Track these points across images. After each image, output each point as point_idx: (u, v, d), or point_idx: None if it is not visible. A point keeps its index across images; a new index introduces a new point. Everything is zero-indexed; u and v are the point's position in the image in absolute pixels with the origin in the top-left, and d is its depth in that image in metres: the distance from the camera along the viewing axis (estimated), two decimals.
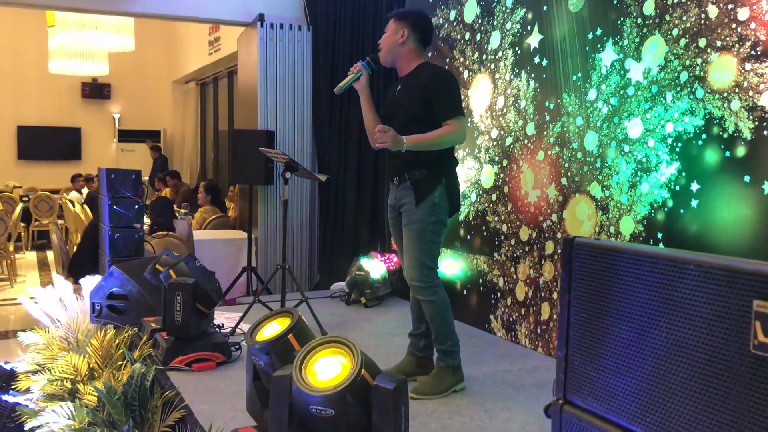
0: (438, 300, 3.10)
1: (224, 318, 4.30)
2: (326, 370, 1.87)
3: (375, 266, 5.06)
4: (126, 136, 12.76)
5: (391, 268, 5.18)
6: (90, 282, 4.20)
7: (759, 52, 2.71)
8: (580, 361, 0.92)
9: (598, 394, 0.90)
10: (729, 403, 0.77)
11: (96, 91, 12.59)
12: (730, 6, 2.83)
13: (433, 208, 3.06)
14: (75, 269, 5.50)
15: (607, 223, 3.43)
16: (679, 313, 0.81)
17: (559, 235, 3.76)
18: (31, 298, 4.11)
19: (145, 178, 12.07)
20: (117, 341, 3.70)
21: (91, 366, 3.54)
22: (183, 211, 8.13)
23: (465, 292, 4.49)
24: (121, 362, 3.49)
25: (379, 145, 3.03)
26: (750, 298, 0.74)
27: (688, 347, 0.80)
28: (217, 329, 3.87)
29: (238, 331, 4.07)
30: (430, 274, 3.09)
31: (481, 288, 4.36)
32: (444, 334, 3.13)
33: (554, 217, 3.78)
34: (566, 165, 3.70)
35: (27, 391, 3.62)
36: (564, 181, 3.72)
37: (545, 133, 3.86)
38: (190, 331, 3.46)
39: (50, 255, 9.63)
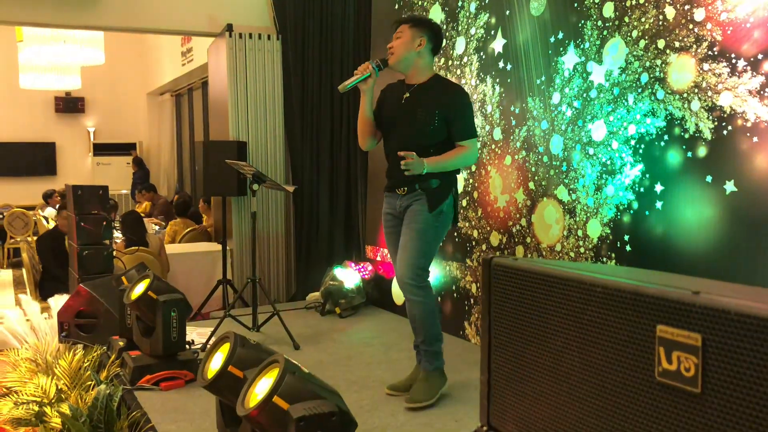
0: (428, 301, 3.09)
1: (196, 333, 4.24)
2: (261, 389, 1.85)
3: (349, 276, 5.02)
4: (101, 149, 12.62)
5: (366, 277, 5.15)
6: (58, 301, 4.13)
7: (716, 52, 2.72)
8: (503, 385, 0.90)
9: (519, 421, 0.87)
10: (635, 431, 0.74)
11: (70, 105, 12.44)
12: (687, 7, 2.84)
13: (440, 214, 3.06)
14: (44, 288, 5.41)
15: (575, 227, 3.42)
16: (590, 338, 0.79)
17: (528, 240, 3.75)
18: None
19: (125, 191, 11.97)
20: (85, 361, 3.64)
21: (60, 388, 3.47)
22: (161, 224, 8.06)
23: (439, 299, 4.46)
24: (89, 383, 3.42)
25: (408, 173, 2.99)
26: (654, 322, 0.72)
27: (599, 373, 0.77)
28: (187, 346, 3.82)
29: (208, 347, 4.01)
30: (422, 274, 3.07)
31: (455, 294, 4.34)
32: (434, 335, 3.12)
33: (523, 222, 3.77)
34: (533, 169, 3.69)
35: None
36: (531, 185, 3.70)
37: (512, 137, 3.85)
38: (183, 346, 3.44)
39: (25, 273, 9.48)
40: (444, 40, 4.40)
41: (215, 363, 2.33)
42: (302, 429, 1.70)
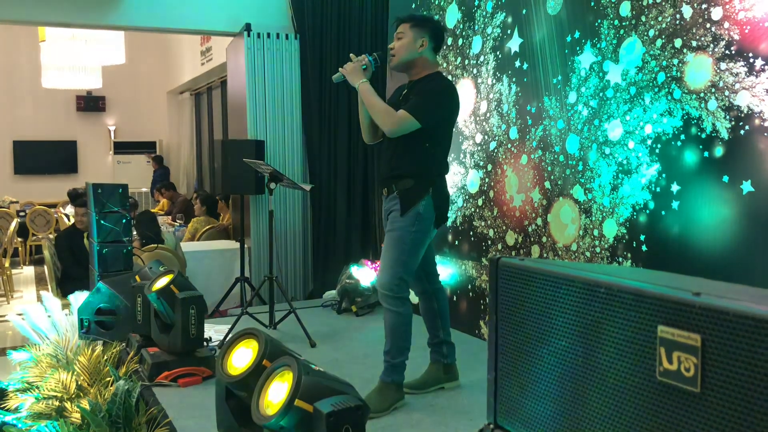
0: (404, 312, 3.02)
1: (213, 330, 4.28)
2: (276, 394, 1.87)
3: (365, 274, 5.04)
4: (122, 148, 12.77)
5: None
6: (78, 298, 4.20)
7: (733, 52, 2.70)
8: (509, 384, 0.91)
9: (525, 419, 0.88)
10: (637, 430, 0.75)
11: (91, 104, 12.60)
12: (704, 6, 2.82)
13: (416, 218, 2.98)
14: (64, 287, 5.49)
15: (591, 227, 3.41)
16: (593, 337, 0.80)
17: (544, 239, 3.74)
18: (19, 314, 4.12)
19: (144, 189, 12.10)
20: (105, 357, 3.69)
21: (80, 383, 3.53)
22: (178, 222, 8.14)
23: (455, 298, 4.47)
24: (108, 379, 3.48)
25: (341, 70, 3.06)
26: (656, 322, 0.73)
27: (602, 372, 0.79)
28: (205, 343, 3.86)
29: (225, 343, 4.05)
30: (400, 284, 2.99)
31: (471, 293, 4.34)
32: (400, 349, 3.03)
33: (539, 221, 3.77)
34: (549, 168, 3.69)
35: (16, 410, 3.61)
36: (547, 184, 3.70)
37: (528, 136, 3.85)
38: (202, 343, 3.48)
39: (47, 270, 9.62)
40: (454, 39, 4.42)
41: (239, 359, 2.33)
42: (332, 424, 1.72)
